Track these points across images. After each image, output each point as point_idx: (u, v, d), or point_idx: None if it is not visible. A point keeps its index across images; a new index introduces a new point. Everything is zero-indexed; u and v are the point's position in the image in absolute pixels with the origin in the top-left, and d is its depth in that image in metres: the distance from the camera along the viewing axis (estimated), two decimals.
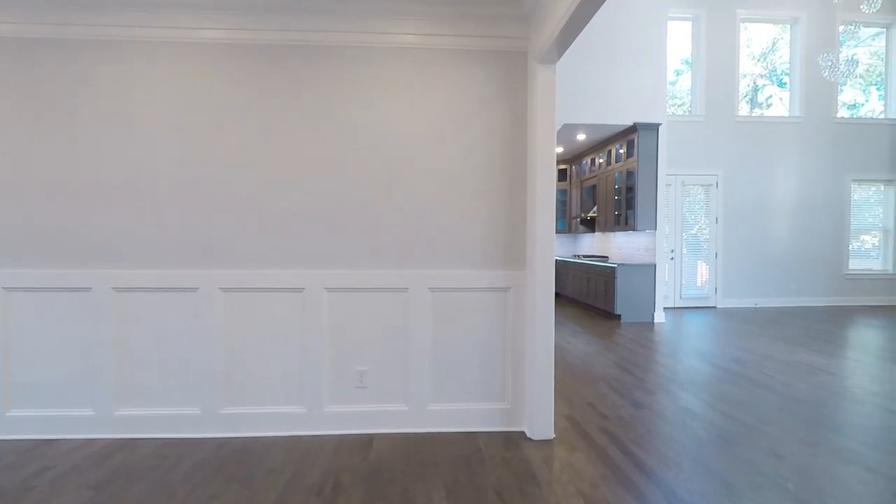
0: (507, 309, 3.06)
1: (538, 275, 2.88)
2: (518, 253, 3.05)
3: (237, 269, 2.91)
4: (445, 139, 2.99)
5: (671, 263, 8.48)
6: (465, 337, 3.04)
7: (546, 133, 2.85)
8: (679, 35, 8.57)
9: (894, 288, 8.79)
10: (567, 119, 6.84)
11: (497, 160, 3.02)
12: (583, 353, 5.14)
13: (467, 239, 3.01)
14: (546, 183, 2.86)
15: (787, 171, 8.63)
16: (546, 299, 2.89)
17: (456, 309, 3.03)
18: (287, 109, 2.91)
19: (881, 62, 9.00)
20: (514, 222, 3.04)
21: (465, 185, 3.00)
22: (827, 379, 4.19)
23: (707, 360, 4.84)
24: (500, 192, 3.03)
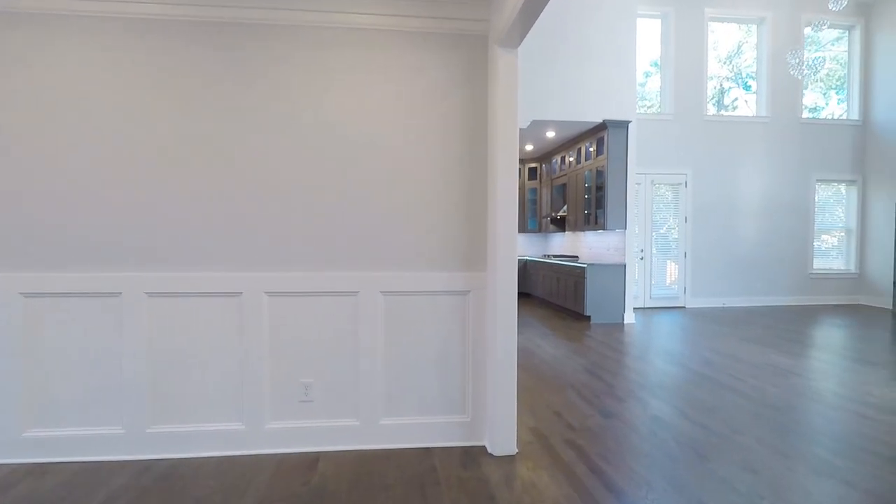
0: (466, 313, 2.82)
1: (500, 276, 2.66)
2: (479, 253, 2.82)
3: (166, 271, 2.60)
4: (399, 130, 2.73)
5: (641, 263, 8.41)
6: (421, 344, 2.79)
7: (507, 122, 2.63)
8: (648, 36, 8.50)
9: (855, 287, 8.92)
10: (536, 115, 6.67)
11: (456, 152, 2.78)
12: (551, 356, 4.96)
13: (423, 238, 2.77)
14: (507, 176, 2.64)
15: (755, 171, 8.66)
16: (508, 303, 2.67)
17: (411, 314, 2.78)
18: (223, 98, 2.61)
19: (841, 67, 9.12)
20: (475, 219, 2.81)
21: (421, 180, 2.76)
22: (796, 382, 4.09)
23: (677, 362, 4.71)
24: (460, 186, 2.79)
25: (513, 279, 2.68)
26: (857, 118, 8.84)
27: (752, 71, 8.96)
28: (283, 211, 2.66)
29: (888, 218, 8.30)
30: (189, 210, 2.60)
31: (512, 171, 2.65)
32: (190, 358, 2.63)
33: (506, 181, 2.65)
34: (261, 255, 2.65)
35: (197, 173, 2.60)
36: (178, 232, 2.60)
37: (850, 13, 8.65)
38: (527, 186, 10.13)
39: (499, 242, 2.65)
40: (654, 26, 8.51)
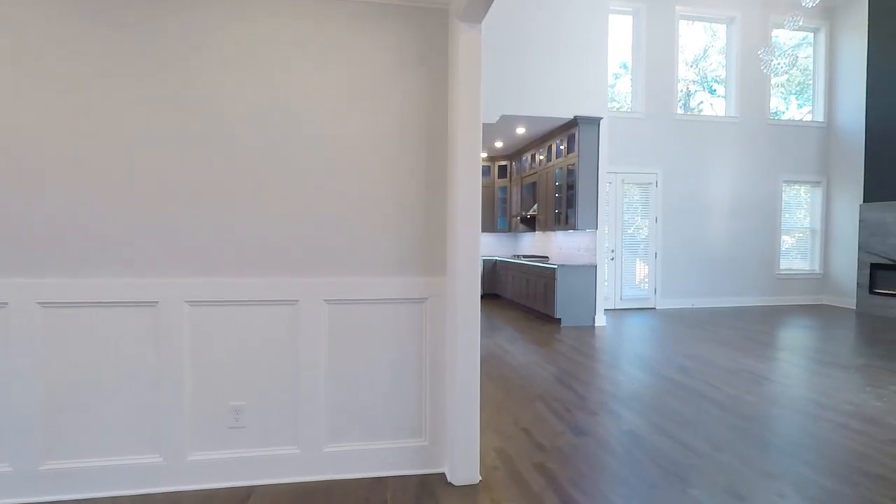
0: (423, 323, 2.49)
1: (461, 281, 2.34)
2: (438, 255, 2.50)
3: (63, 277, 2.18)
4: (348, 115, 2.39)
5: (612, 264, 8.24)
6: (371, 360, 2.45)
7: (470, 107, 2.31)
8: (618, 35, 8.34)
9: (820, 287, 8.98)
10: (505, 110, 6.39)
11: (413, 142, 2.45)
12: (520, 364, 4.68)
13: (374, 238, 2.43)
14: (470, 169, 2.32)
15: (724, 172, 8.61)
16: (470, 311, 2.36)
17: (360, 325, 2.43)
18: (138, 76, 2.21)
19: (801, 73, 9.17)
20: (434, 218, 2.48)
21: (371, 172, 2.42)
22: (772, 389, 3.91)
23: (650, 369, 4.50)
24: (417, 180, 2.46)
25: (475, 284, 2.36)
26: (822, 120, 8.90)
27: (717, 75, 8.92)
28: (209, 206, 2.27)
29: (852, 219, 8.36)
30: (95, 207, 2.19)
31: (474, 162, 2.34)
32: (94, 380, 2.22)
33: (468, 174, 2.33)
34: (181, 258, 2.26)
35: (107, 168, 2.19)
36: (84, 232, 2.18)
37: (815, 16, 8.68)
38: (497, 185, 9.87)
39: (460, 243, 2.33)
40: (626, 23, 8.36)
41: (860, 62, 8.17)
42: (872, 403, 3.55)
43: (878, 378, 4.20)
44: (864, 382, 4.07)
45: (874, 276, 7.67)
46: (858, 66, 8.24)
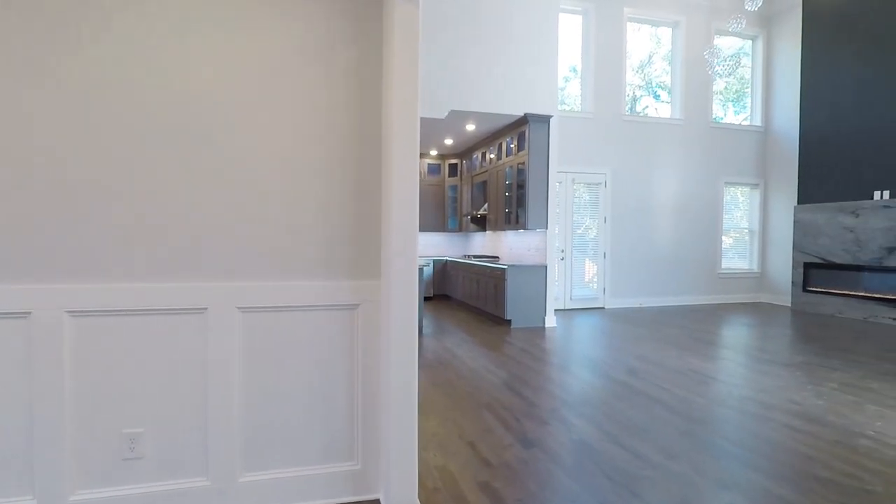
0: (355, 332, 2.23)
1: (397, 285, 2.09)
2: (371, 256, 2.24)
3: None
4: (267, 98, 2.09)
5: (562, 264, 8.20)
6: (294, 375, 2.16)
7: (405, 89, 2.07)
8: (568, 36, 8.31)
9: (758, 286, 9.29)
10: (454, 105, 6.19)
11: (342, 129, 2.18)
12: (469, 369, 4.47)
13: (296, 236, 2.14)
14: (405, 157, 2.07)
15: (670, 172, 8.75)
16: (407, 318, 2.11)
17: (280, 335, 2.14)
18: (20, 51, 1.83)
19: (738, 82, 9.47)
20: (367, 214, 2.22)
21: (294, 162, 2.13)
22: (720, 389, 3.88)
23: (600, 371, 4.39)
24: (346, 172, 2.19)
25: (413, 288, 2.12)
26: (760, 125, 9.21)
27: (661, 81, 9.08)
28: (101, 201, 1.92)
29: (787, 220, 8.68)
30: None
31: (411, 153, 2.09)
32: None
33: (404, 167, 2.08)
34: (62, 261, 1.90)
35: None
36: None
37: (753, 24, 8.97)
38: (447, 183, 9.67)
39: (395, 242, 2.08)
40: (576, 23, 8.34)
41: (795, 69, 8.49)
42: (814, 402, 3.56)
43: (816, 375, 4.26)
44: (805, 380, 4.10)
45: (807, 275, 7.98)
46: (793, 74, 8.57)
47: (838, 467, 2.54)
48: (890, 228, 6.84)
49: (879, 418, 3.24)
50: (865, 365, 4.60)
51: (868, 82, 7.18)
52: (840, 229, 7.48)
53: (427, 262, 9.30)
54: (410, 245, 2.11)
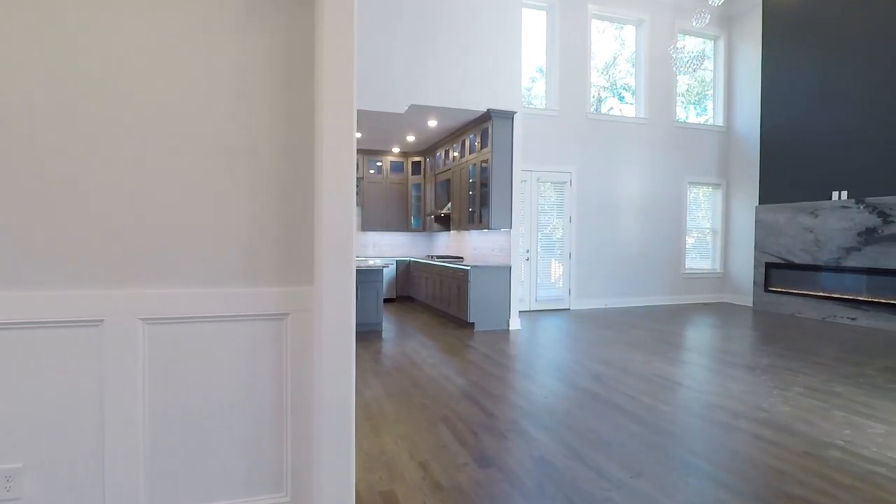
0: (283, 346, 1.94)
1: (331, 292, 1.81)
2: (302, 259, 1.96)
3: None
4: (178, 75, 1.78)
5: (527, 265, 8.04)
6: (211, 396, 1.86)
7: (338, 62, 1.79)
8: (534, 36, 8.16)
9: (720, 286, 9.35)
10: (415, 100, 5.92)
11: (266, 114, 1.89)
12: (427, 377, 4.22)
13: (212, 236, 1.84)
14: (339, 144, 1.80)
15: (635, 172, 8.70)
16: (342, 329, 1.84)
17: (194, 351, 1.84)
18: None
19: (698, 84, 9.53)
20: (297, 210, 1.94)
21: (209, 150, 1.83)
22: (686, 396, 3.74)
23: (564, 378, 4.21)
24: (272, 162, 1.90)
25: (349, 295, 1.85)
26: (722, 125, 9.26)
27: (626, 83, 9.03)
28: None
29: (749, 220, 8.75)
30: None
31: (346, 139, 1.82)
32: None
33: (337, 154, 1.81)
34: None
35: None
36: None
37: (714, 25, 9.01)
38: (410, 182, 9.39)
39: (328, 243, 1.81)
40: (540, 19, 8.19)
41: (756, 70, 8.56)
42: (781, 408, 3.44)
43: (781, 379, 4.17)
44: (771, 385, 4.01)
45: (769, 275, 8.04)
46: (754, 74, 8.64)
47: (811, 483, 2.39)
48: (847, 229, 6.92)
49: (847, 425, 3.14)
50: (828, 367, 4.56)
51: (827, 84, 7.26)
52: (800, 229, 7.55)
53: (390, 262, 9.00)
54: (345, 246, 1.84)
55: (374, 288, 6.20)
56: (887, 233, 6.46)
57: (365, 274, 6.14)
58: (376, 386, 3.95)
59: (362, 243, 9.42)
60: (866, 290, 6.77)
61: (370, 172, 9.17)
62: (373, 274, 6.18)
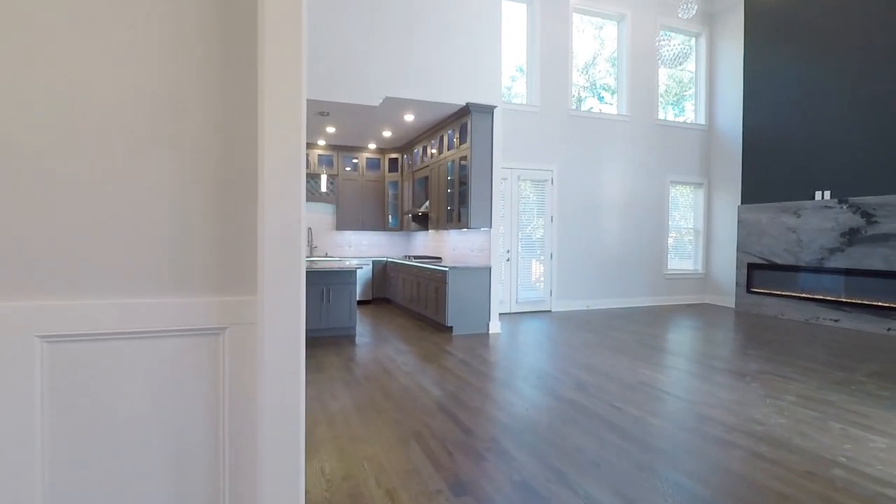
0: (220, 366, 1.63)
1: (277, 302, 1.52)
2: (243, 263, 1.65)
3: None
4: (88, 41, 1.46)
5: (507, 265, 7.79)
6: (129, 429, 1.54)
7: (285, 37, 1.49)
8: (515, 30, 7.92)
9: (702, 287, 9.25)
10: (390, 92, 5.61)
11: (200, 86, 1.58)
12: (400, 387, 3.92)
13: (130, 235, 1.52)
14: (284, 124, 1.50)
15: (617, 171, 8.53)
16: (290, 347, 1.54)
17: (107, 374, 1.51)
18: None
19: (676, 84, 9.41)
20: (237, 207, 1.63)
21: (132, 132, 1.51)
22: (676, 407, 3.52)
23: (547, 387, 3.96)
24: (208, 148, 1.59)
25: (297, 306, 1.55)
26: (704, 123, 9.16)
27: (605, 83, 8.85)
28: None
29: (731, 220, 8.65)
30: None
31: (293, 119, 1.52)
32: None
33: (281, 137, 1.51)
34: None
35: None
36: None
37: (696, 22, 8.89)
38: (387, 179, 9.07)
39: (271, 245, 1.51)
40: (520, 12, 7.95)
41: (738, 68, 8.46)
42: (777, 421, 3.24)
43: (773, 387, 3.99)
44: (763, 393, 3.82)
45: (751, 276, 7.94)
46: (736, 72, 8.54)
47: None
48: (831, 229, 6.83)
49: (846, 439, 2.94)
50: (818, 373, 4.40)
51: (809, 82, 7.18)
52: (783, 229, 7.46)
53: (366, 262, 8.68)
54: (293, 247, 1.54)
55: (347, 290, 5.89)
56: (871, 233, 6.38)
57: (337, 275, 5.82)
58: (345, 397, 3.65)
59: (337, 243, 9.07)
60: (849, 291, 6.69)
61: (346, 169, 8.83)
62: (345, 275, 5.86)
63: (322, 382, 4.01)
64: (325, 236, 9.00)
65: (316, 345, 5.41)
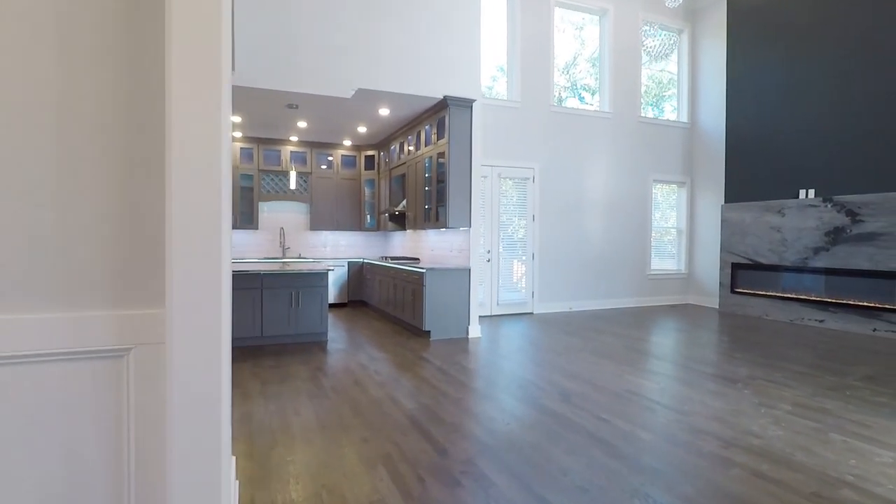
0: (123, 396, 1.31)
1: (189, 316, 1.21)
2: (151, 270, 1.33)
3: None
4: None
5: (488, 266, 7.52)
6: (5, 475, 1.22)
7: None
8: (495, 24, 7.65)
9: (685, 287, 9.10)
10: (363, 83, 5.29)
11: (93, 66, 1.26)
12: (370, 400, 3.61)
13: (7, 236, 1.20)
14: (198, 102, 1.19)
15: (599, 168, 8.32)
16: (207, 371, 1.23)
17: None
18: None
19: (656, 84, 9.27)
20: (143, 201, 1.31)
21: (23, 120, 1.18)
22: (668, 419, 3.27)
23: (529, 398, 3.68)
24: (104, 136, 1.27)
25: (215, 320, 1.24)
26: (686, 121, 9.01)
27: (586, 83, 8.64)
28: None
29: (714, 219, 8.51)
30: None
31: (209, 102, 1.21)
32: None
33: (194, 122, 1.20)
34: None
35: None
36: None
37: (679, 18, 8.74)
38: (364, 177, 8.73)
39: (179, 247, 1.20)
40: (500, 3, 7.68)
41: (720, 65, 8.32)
42: (774, 433, 3.02)
43: (766, 394, 3.78)
44: (757, 401, 3.60)
45: (735, 276, 7.80)
46: (719, 69, 8.40)
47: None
48: (815, 228, 6.71)
49: (851, 453, 2.72)
50: (810, 378, 4.21)
51: (793, 79, 7.05)
52: (767, 229, 7.33)
53: (341, 264, 8.33)
54: (209, 250, 1.23)
55: (318, 294, 5.55)
56: (855, 232, 6.26)
57: (307, 278, 5.47)
58: (308, 413, 3.32)
59: (312, 243, 8.70)
60: (833, 291, 6.57)
61: (321, 167, 8.47)
62: (315, 278, 5.52)
63: (285, 396, 3.68)
64: (299, 237, 8.62)
65: (283, 353, 5.06)
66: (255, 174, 8.04)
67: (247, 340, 5.32)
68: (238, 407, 3.40)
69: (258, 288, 5.31)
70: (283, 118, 6.51)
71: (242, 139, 7.88)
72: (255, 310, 5.30)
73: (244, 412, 3.33)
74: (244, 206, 8.01)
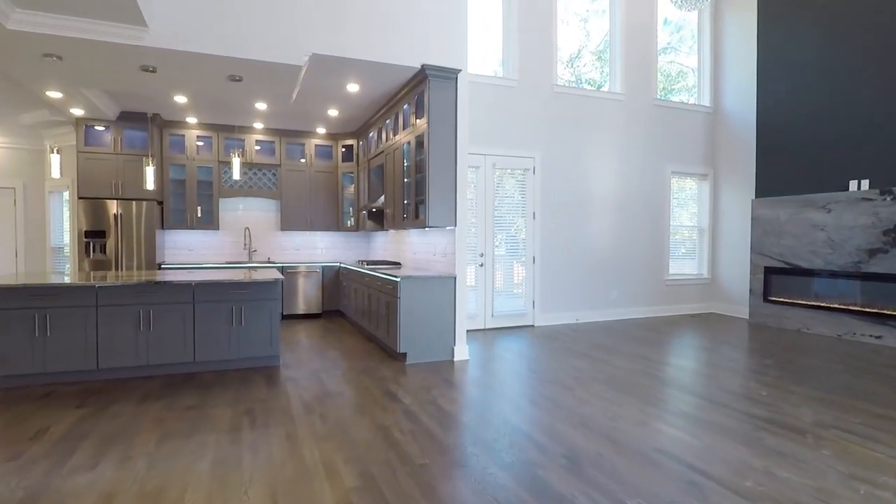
0: None
1: None
2: None
3: None
4: None
5: (481, 271, 6.47)
6: None
7: None
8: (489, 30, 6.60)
9: (707, 294, 8.01)
10: (316, 47, 4.25)
11: None
12: (303, 467, 2.56)
13: None
14: None
15: (610, 158, 7.25)
16: None
17: None
18: None
19: (665, 78, 8.16)
20: None
21: None
22: (708, 495, 2.22)
23: (527, 464, 2.63)
24: None
25: None
26: (709, 105, 7.92)
27: (590, 77, 7.55)
28: None
29: (741, 217, 7.42)
30: None
31: None
32: None
33: None
34: None
35: None
36: None
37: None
38: (341, 170, 7.69)
39: None
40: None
41: (748, 42, 7.24)
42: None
43: (852, 456, 2.72)
44: (845, 471, 2.54)
45: (768, 282, 6.72)
46: (746, 47, 7.31)
47: None
48: (870, 226, 5.62)
49: None
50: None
51: (837, 53, 5.97)
52: (808, 227, 6.24)
53: (315, 268, 7.29)
54: None
55: (267, 308, 4.50)
56: None
57: (252, 288, 4.43)
58: (197, 499, 2.28)
59: (282, 246, 7.67)
60: (894, 301, 5.49)
61: (291, 159, 7.43)
62: (263, 288, 4.47)
63: (175, 461, 2.63)
64: (268, 238, 7.59)
65: (216, 385, 4.02)
66: (214, 166, 7.01)
67: (175, 367, 4.29)
68: (97, 483, 2.36)
69: (190, 302, 4.27)
70: (235, 98, 5.47)
71: (198, 125, 6.84)
72: (186, 329, 4.26)
73: (103, 491, 2.28)
74: (202, 202, 6.98)
